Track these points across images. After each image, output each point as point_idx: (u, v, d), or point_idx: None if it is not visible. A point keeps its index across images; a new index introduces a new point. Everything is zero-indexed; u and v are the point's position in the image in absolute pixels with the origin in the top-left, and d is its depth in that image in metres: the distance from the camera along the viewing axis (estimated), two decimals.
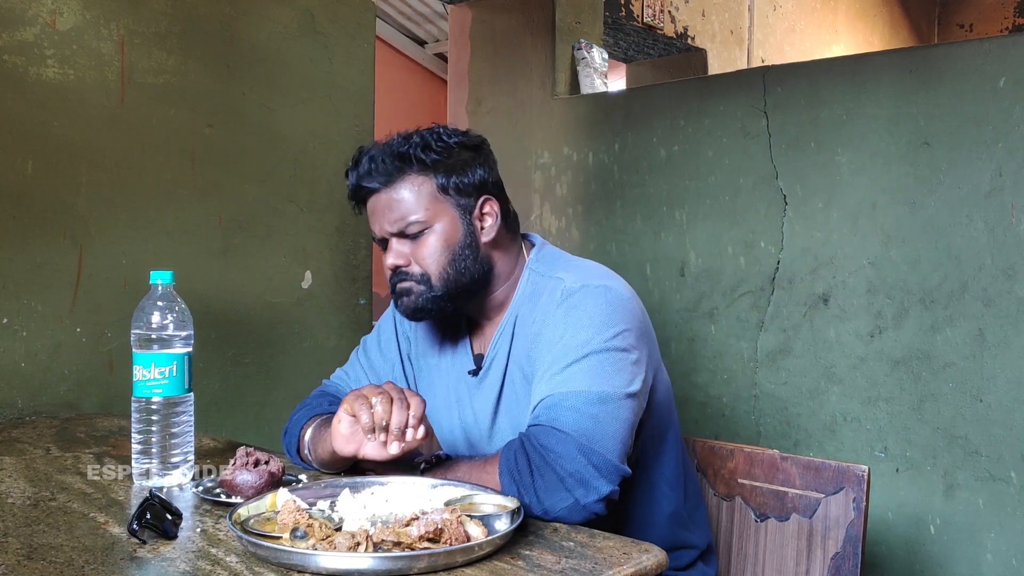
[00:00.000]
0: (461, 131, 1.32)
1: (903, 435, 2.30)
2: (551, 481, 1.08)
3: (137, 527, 0.96)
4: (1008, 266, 2.13)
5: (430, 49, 6.76)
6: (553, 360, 1.18)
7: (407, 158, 1.24)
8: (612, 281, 1.25)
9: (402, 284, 1.27)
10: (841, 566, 1.25)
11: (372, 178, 1.25)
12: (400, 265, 1.26)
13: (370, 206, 1.28)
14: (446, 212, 1.26)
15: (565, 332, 1.19)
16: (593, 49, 3.45)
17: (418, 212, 1.24)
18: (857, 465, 1.27)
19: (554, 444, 1.10)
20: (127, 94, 2.00)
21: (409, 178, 1.25)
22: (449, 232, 1.25)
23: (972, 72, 2.19)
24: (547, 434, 1.11)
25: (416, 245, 1.26)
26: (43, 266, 1.87)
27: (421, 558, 0.86)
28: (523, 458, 1.11)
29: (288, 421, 1.41)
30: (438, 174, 1.25)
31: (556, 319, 1.21)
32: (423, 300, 1.26)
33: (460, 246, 1.26)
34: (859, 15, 6.14)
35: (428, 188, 1.25)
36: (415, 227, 1.24)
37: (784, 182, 2.54)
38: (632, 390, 1.16)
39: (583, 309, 1.20)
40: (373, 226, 1.29)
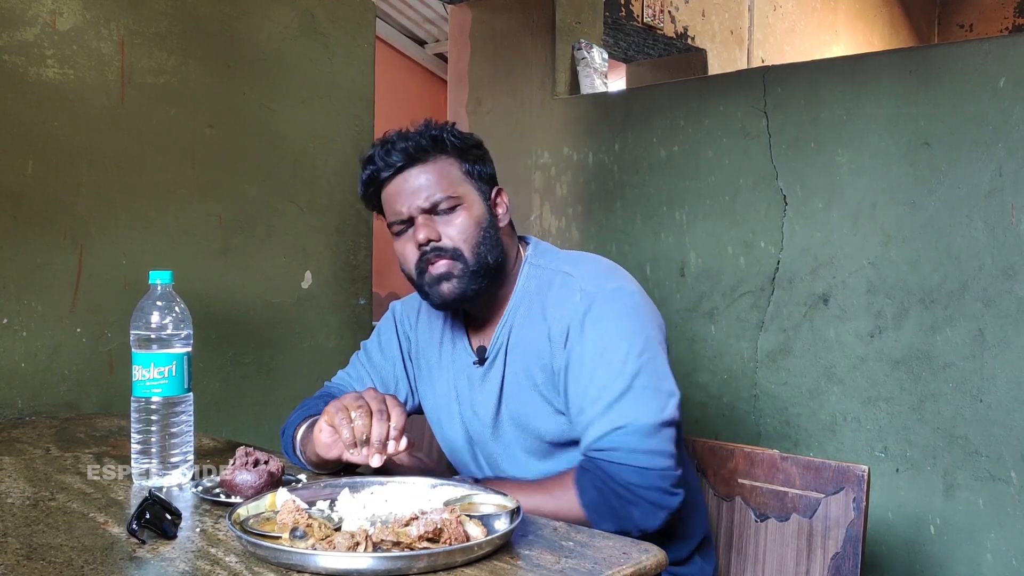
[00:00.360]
0: (469, 134, 1.36)
1: (903, 435, 2.30)
2: (646, 510, 1.17)
3: (136, 527, 0.96)
4: (1008, 266, 2.13)
5: (430, 49, 6.76)
6: (600, 389, 1.20)
7: (440, 141, 1.28)
8: (620, 279, 1.29)
9: (438, 265, 1.26)
10: (841, 566, 1.25)
11: (406, 155, 1.27)
12: (433, 239, 1.26)
13: (395, 187, 1.29)
14: (472, 193, 1.30)
15: (602, 351, 1.21)
16: (593, 49, 3.45)
17: (447, 189, 1.27)
18: (857, 465, 1.27)
19: (636, 480, 1.17)
20: (127, 94, 2.00)
21: (441, 158, 1.29)
22: (476, 212, 1.29)
23: (972, 72, 2.19)
24: (626, 472, 1.17)
25: (446, 222, 1.27)
26: (43, 266, 1.87)
27: (420, 558, 0.86)
28: (611, 495, 1.17)
29: (285, 421, 1.41)
30: (463, 160, 1.30)
31: (586, 335, 1.23)
32: (464, 280, 1.26)
33: (485, 226, 1.29)
34: (859, 15, 6.14)
35: (456, 170, 1.29)
36: (448, 202, 1.27)
37: (784, 182, 2.54)
38: (676, 396, 1.22)
39: (608, 320, 1.23)
40: (399, 206, 1.28)
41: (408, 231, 1.29)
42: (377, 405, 1.11)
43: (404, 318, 1.51)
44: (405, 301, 1.53)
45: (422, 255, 1.27)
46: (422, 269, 1.28)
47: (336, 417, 1.11)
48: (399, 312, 1.52)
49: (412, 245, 1.28)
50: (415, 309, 1.50)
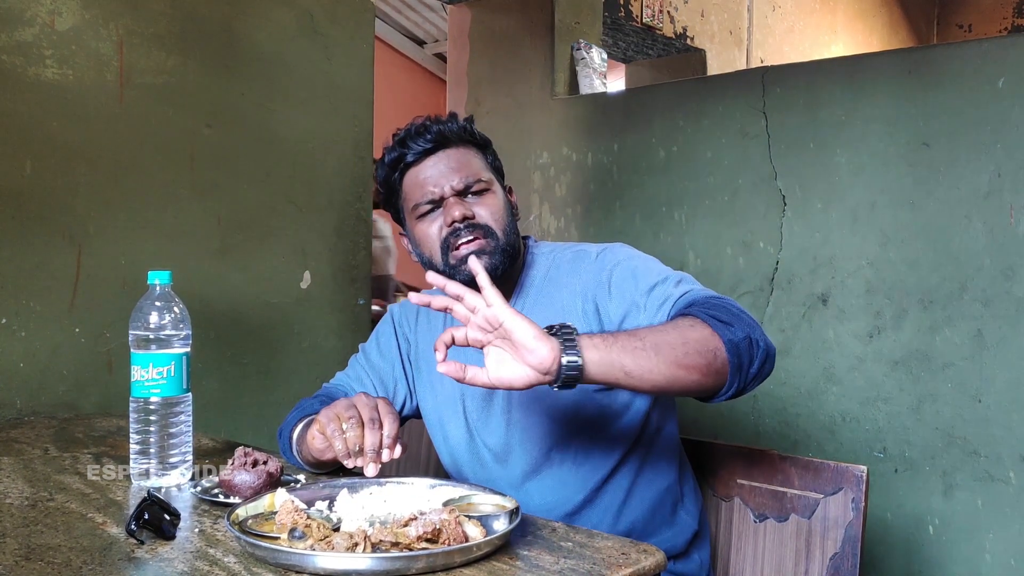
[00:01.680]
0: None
1: (902, 435, 2.30)
2: (749, 322, 1.12)
3: (135, 527, 0.96)
4: (1007, 267, 2.13)
5: (429, 49, 6.77)
6: (655, 277, 1.24)
7: (469, 133, 1.34)
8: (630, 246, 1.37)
9: (472, 242, 1.27)
10: (840, 566, 1.25)
11: (439, 137, 1.29)
12: (468, 216, 1.28)
13: (424, 169, 1.30)
14: (494, 183, 1.34)
15: (640, 261, 1.28)
16: (592, 49, 3.45)
17: (479, 173, 1.31)
18: (856, 465, 1.27)
19: (727, 304, 1.14)
20: (126, 94, 2.00)
21: (466, 147, 1.33)
22: (501, 199, 1.33)
23: (971, 73, 2.19)
24: (717, 303, 1.14)
25: (477, 203, 1.30)
26: (42, 266, 1.86)
27: (419, 558, 0.86)
28: (722, 312, 1.11)
29: (283, 422, 1.41)
30: (486, 152, 1.37)
31: (623, 263, 1.28)
32: (496, 256, 1.28)
33: (508, 213, 1.33)
34: (858, 15, 6.14)
35: (480, 160, 1.35)
36: (482, 185, 1.30)
37: (783, 182, 2.54)
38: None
39: (637, 257, 1.29)
40: (430, 186, 1.29)
41: (435, 212, 1.30)
42: (369, 413, 1.10)
43: (403, 320, 1.50)
44: (404, 304, 1.52)
45: (453, 232, 1.27)
46: (449, 245, 1.28)
47: (328, 427, 1.10)
48: (398, 314, 1.51)
49: (438, 225, 1.29)
50: (414, 311, 1.49)
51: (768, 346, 1.13)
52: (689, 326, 1.08)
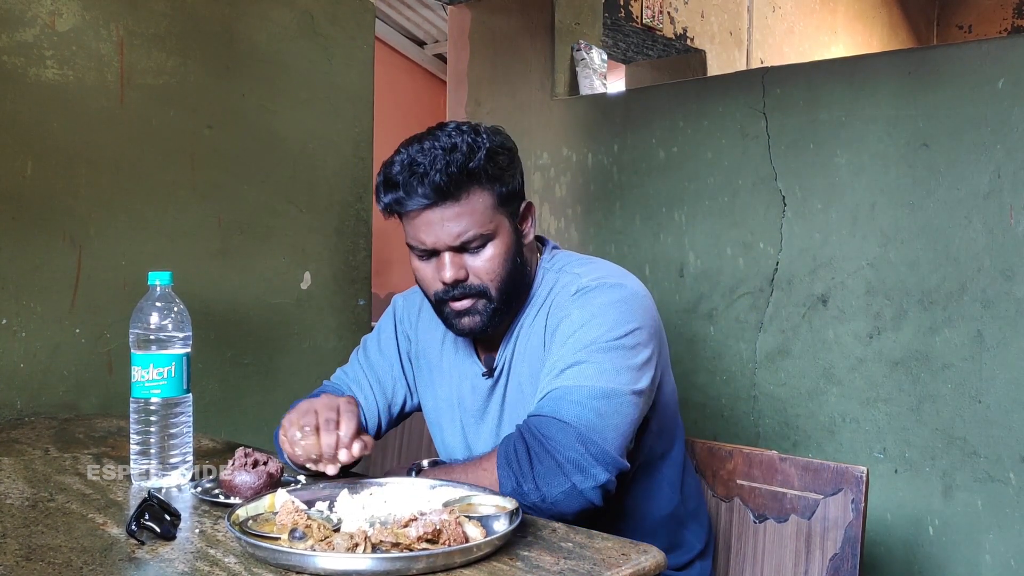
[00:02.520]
0: (499, 130, 1.27)
1: (902, 436, 2.30)
2: (549, 467, 1.10)
3: (136, 528, 0.96)
4: (1007, 267, 2.13)
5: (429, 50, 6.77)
6: (562, 355, 1.18)
7: (476, 175, 1.18)
8: (628, 279, 1.26)
9: (462, 302, 1.22)
10: (840, 567, 1.25)
11: (437, 192, 1.16)
12: (460, 279, 1.21)
13: (421, 219, 1.19)
14: (503, 223, 1.23)
15: (578, 328, 1.19)
16: (592, 50, 3.46)
17: (480, 226, 1.19)
18: (856, 466, 1.27)
19: (554, 432, 1.11)
20: (126, 95, 2.00)
21: (474, 192, 1.19)
22: (506, 243, 1.23)
23: (971, 73, 2.19)
24: (547, 424, 1.12)
25: (474, 257, 1.21)
26: (42, 267, 1.87)
27: (419, 559, 0.86)
28: (522, 446, 1.12)
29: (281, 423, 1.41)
30: (496, 185, 1.21)
31: (570, 313, 1.21)
32: (487, 316, 1.23)
33: (513, 254, 1.24)
34: (858, 16, 6.14)
35: (489, 201, 1.20)
36: (479, 240, 1.20)
37: (783, 183, 2.54)
38: (638, 388, 1.17)
39: (597, 305, 1.20)
40: (424, 236, 1.20)
41: (431, 259, 1.23)
42: (325, 415, 1.10)
43: (405, 316, 1.48)
44: (407, 296, 1.50)
45: (444, 289, 1.22)
46: (443, 300, 1.24)
47: (289, 432, 1.11)
48: (400, 309, 1.49)
49: (432, 269, 1.23)
50: (416, 307, 1.47)
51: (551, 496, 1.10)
52: (483, 470, 1.16)
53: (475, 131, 1.22)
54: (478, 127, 1.23)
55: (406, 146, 1.21)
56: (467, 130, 1.21)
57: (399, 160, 1.19)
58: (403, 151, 1.20)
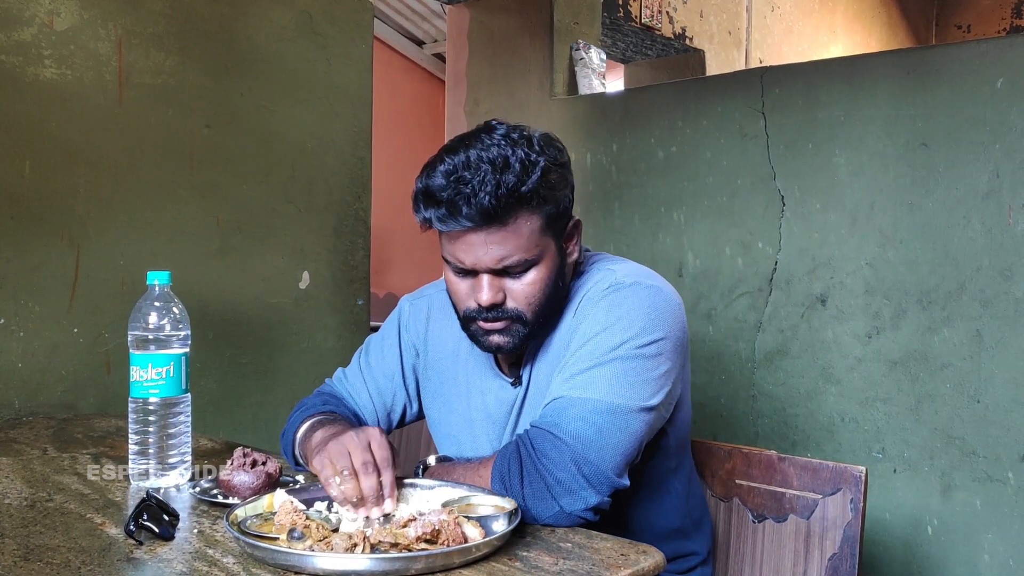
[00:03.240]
0: (552, 140, 1.17)
1: (900, 436, 2.30)
2: (538, 488, 1.07)
3: (134, 528, 0.96)
4: (1005, 267, 2.13)
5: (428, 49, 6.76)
6: (580, 357, 1.14)
7: (526, 198, 1.09)
8: (663, 284, 1.21)
9: (495, 323, 1.16)
10: (838, 567, 1.25)
11: (483, 216, 1.07)
12: (497, 303, 1.14)
13: (464, 238, 1.11)
14: (548, 246, 1.15)
15: (602, 329, 1.14)
16: (591, 50, 3.46)
17: (525, 251, 1.12)
18: (854, 466, 1.27)
19: (548, 449, 1.08)
20: (125, 94, 2.00)
21: (522, 216, 1.10)
22: (549, 266, 1.15)
23: (970, 73, 2.19)
24: (543, 438, 1.09)
25: (515, 281, 1.14)
26: (40, 267, 1.86)
27: (418, 559, 0.86)
28: (516, 462, 1.10)
29: (287, 422, 1.39)
30: (546, 207, 1.12)
31: (598, 311, 1.16)
32: (518, 338, 1.17)
33: (555, 277, 1.17)
34: (857, 16, 6.14)
35: (537, 225, 1.12)
36: (521, 266, 1.13)
37: (782, 183, 2.54)
38: (651, 403, 1.12)
39: (627, 306, 1.14)
40: (463, 256, 1.13)
41: (467, 277, 1.16)
42: (361, 457, 1.03)
43: (411, 324, 1.41)
44: (414, 301, 1.43)
45: (478, 310, 1.16)
46: (473, 318, 1.17)
47: (322, 473, 1.04)
48: (405, 316, 1.42)
49: (467, 286, 1.17)
50: (423, 315, 1.40)
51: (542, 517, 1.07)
52: (479, 477, 1.13)
53: (528, 142, 1.12)
54: (531, 137, 1.13)
55: (451, 153, 1.10)
56: (519, 140, 1.12)
57: (443, 171, 1.08)
58: (448, 160, 1.09)
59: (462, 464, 1.20)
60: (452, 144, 1.13)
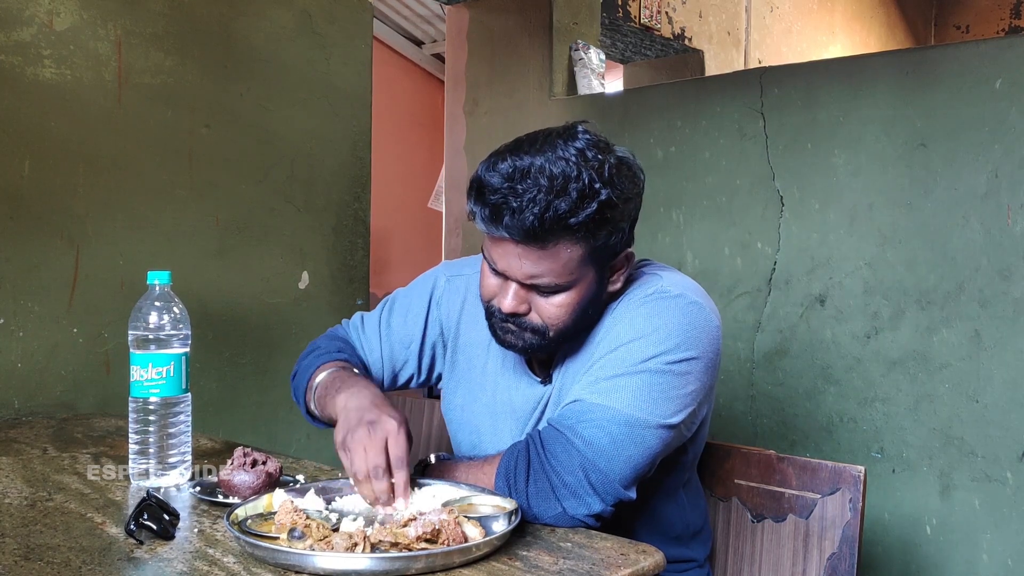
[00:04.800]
0: (625, 169, 1.09)
1: (899, 436, 2.30)
2: (543, 488, 1.06)
3: (134, 527, 0.96)
4: (1004, 267, 2.13)
5: (427, 50, 6.76)
6: (609, 362, 1.11)
7: (571, 229, 1.03)
8: (707, 302, 1.18)
9: (514, 328, 1.14)
10: (837, 567, 1.26)
11: (523, 234, 1.03)
12: (520, 313, 1.11)
13: (501, 244, 1.08)
14: (587, 275, 1.10)
15: (637, 337, 1.11)
16: (590, 50, 3.46)
17: (558, 276, 1.08)
18: (853, 466, 1.27)
19: (559, 451, 1.07)
20: (124, 94, 2.00)
21: (564, 243, 1.05)
22: (581, 293, 1.11)
23: (968, 74, 2.20)
24: (555, 439, 1.08)
25: (543, 298, 1.10)
26: (40, 266, 1.86)
27: (418, 559, 0.86)
28: (523, 461, 1.09)
29: (298, 364, 1.36)
30: (594, 239, 1.06)
31: (636, 316, 1.13)
32: (536, 348, 1.15)
33: (587, 303, 1.13)
34: (856, 16, 6.15)
35: (578, 254, 1.07)
36: (551, 288, 1.09)
37: (781, 183, 2.54)
38: (671, 421, 1.10)
39: (665, 318, 1.12)
40: (497, 259, 1.10)
41: (498, 276, 1.13)
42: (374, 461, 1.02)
43: (444, 303, 1.36)
44: (451, 279, 1.37)
45: (501, 314, 1.13)
46: (495, 315, 1.15)
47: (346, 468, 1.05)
48: (439, 292, 1.36)
49: (495, 285, 1.13)
50: (460, 297, 1.35)
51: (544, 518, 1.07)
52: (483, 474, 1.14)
53: (598, 172, 1.04)
54: (603, 164, 1.05)
55: (518, 152, 1.05)
56: (592, 161, 1.04)
57: (502, 170, 1.04)
58: (511, 160, 1.04)
59: (464, 462, 1.20)
60: (524, 141, 1.09)
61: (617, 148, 1.11)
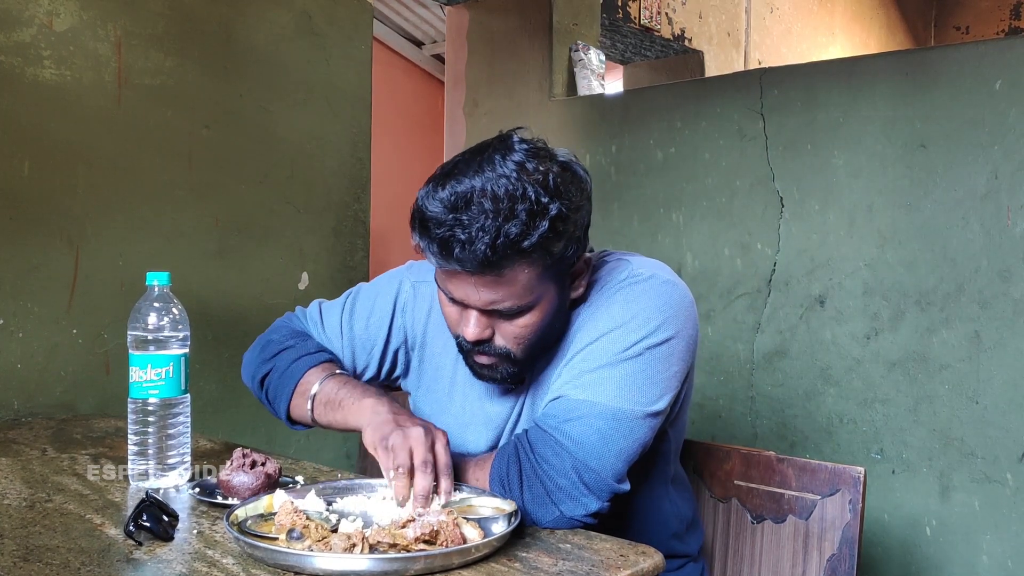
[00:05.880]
0: (570, 176, 1.06)
1: (899, 437, 2.30)
2: (538, 493, 1.06)
3: (133, 529, 0.96)
4: (1004, 268, 2.13)
5: (427, 50, 6.76)
6: (591, 353, 1.10)
7: (525, 252, 1.00)
8: (678, 279, 1.17)
9: (481, 358, 1.13)
10: (837, 568, 1.26)
11: (476, 264, 0.99)
12: (484, 339, 1.09)
13: (456, 276, 1.05)
14: (547, 291, 1.07)
15: (617, 326, 1.10)
16: (590, 51, 3.46)
17: (519, 298, 1.05)
18: (853, 467, 1.27)
19: (549, 455, 1.07)
20: (124, 95, 2.00)
21: (519, 265, 1.02)
22: (545, 310, 1.09)
23: (968, 75, 2.20)
24: (544, 442, 1.08)
25: (505, 322, 1.08)
26: (39, 267, 1.86)
27: (417, 560, 0.86)
28: (515, 467, 1.08)
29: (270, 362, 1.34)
30: (551, 254, 1.03)
31: (613, 304, 1.12)
32: (505, 374, 1.13)
33: (551, 318, 1.10)
34: (856, 17, 6.15)
35: (536, 272, 1.04)
36: (513, 311, 1.06)
37: (781, 184, 2.54)
38: (656, 408, 1.10)
39: (643, 303, 1.10)
40: (453, 290, 1.07)
41: (456, 304, 1.10)
42: (423, 456, 1.01)
43: (410, 310, 1.32)
44: (417, 286, 1.33)
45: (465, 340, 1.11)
46: (463, 346, 1.13)
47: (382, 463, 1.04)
48: (404, 298, 1.33)
49: (456, 313, 1.11)
50: (427, 305, 1.31)
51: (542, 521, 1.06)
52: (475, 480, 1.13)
53: (543, 185, 1.01)
54: (546, 174, 1.02)
55: (456, 177, 1.01)
56: (534, 174, 1.01)
57: (443, 200, 1.00)
58: (451, 186, 1.00)
59: (457, 459, 1.18)
60: (460, 162, 1.04)
61: (558, 152, 1.09)
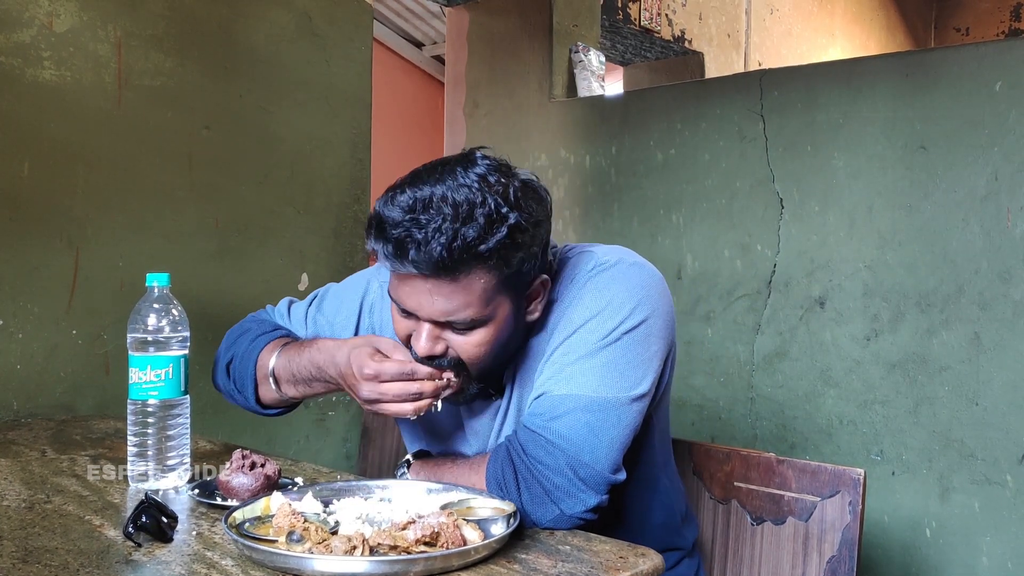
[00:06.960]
0: (531, 191, 1.07)
1: (899, 438, 2.30)
2: (537, 493, 1.06)
3: (133, 530, 0.96)
4: (1004, 269, 2.13)
5: (427, 51, 6.76)
6: (570, 347, 1.10)
7: (482, 257, 1.00)
8: (645, 261, 1.18)
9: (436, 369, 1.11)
10: (837, 569, 1.25)
11: (431, 266, 0.99)
12: (437, 354, 1.08)
13: (409, 282, 1.04)
14: (503, 304, 1.07)
15: (591, 316, 1.10)
16: (590, 52, 3.46)
17: (474, 310, 1.04)
18: (853, 468, 1.27)
19: (542, 455, 1.06)
20: (124, 96, 2.00)
21: (475, 272, 1.01)
22: (499, 326, 1.08)
23: (968, 76, 2.20)
24: (535, 443, 1.07)
25: (458, 336, 1.07)
26: (39, 268, 1.86)
27: (417, 562, 0.86)
28: (510, 470, 1.08)
29: (230, 351, 1.36)
30: (507, 266, 1.03)
31: (585, 295, 1.12)
32: (463, 390, 1.13)
33: (506, 337, 1.10)
34: (856, 19, 6.15)
35: (492, 283, 1.03)
36: (465, 324, 1.05)
37: (780, 185, 2.54)
38: (639, 392, 1.10)
39: (615, 289, 1.11)
40: (406, 300, 1.06)
41: (409, 317, 1.09)
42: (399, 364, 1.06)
43: (378, 312, 1.32)
44: (384, 294, 1.31)
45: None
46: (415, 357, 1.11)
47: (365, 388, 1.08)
48: (372, 298, 1.33)
49: (407, 327, 1.10)
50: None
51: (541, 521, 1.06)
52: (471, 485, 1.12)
53: (504, 192, 1.02)
54: (507, 187, 1.03)
55: (416, 184, 1.02)
56: (495, 186, 1.02)
57: (402, 203, 1.00)
58: (410, 192, 1.01)
59: (450, 461, 1.19)
60: (422, 172, 1.05)
61: (520, 171, 1.09)
